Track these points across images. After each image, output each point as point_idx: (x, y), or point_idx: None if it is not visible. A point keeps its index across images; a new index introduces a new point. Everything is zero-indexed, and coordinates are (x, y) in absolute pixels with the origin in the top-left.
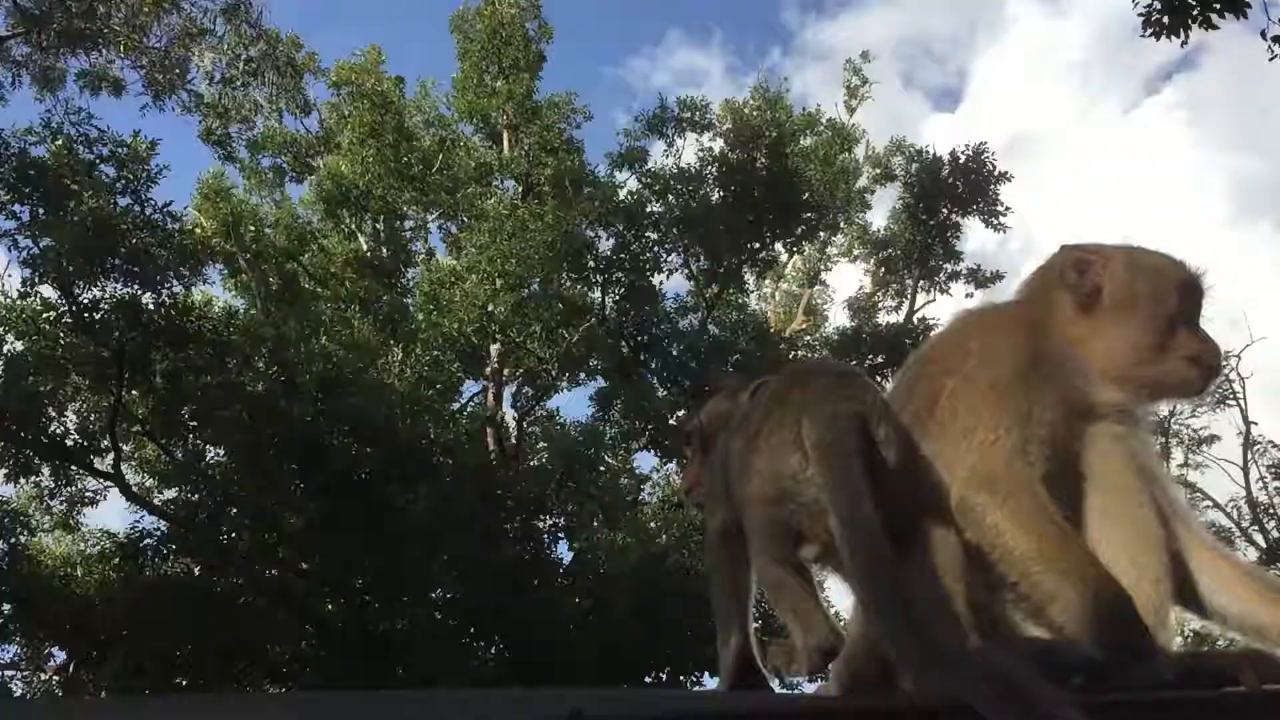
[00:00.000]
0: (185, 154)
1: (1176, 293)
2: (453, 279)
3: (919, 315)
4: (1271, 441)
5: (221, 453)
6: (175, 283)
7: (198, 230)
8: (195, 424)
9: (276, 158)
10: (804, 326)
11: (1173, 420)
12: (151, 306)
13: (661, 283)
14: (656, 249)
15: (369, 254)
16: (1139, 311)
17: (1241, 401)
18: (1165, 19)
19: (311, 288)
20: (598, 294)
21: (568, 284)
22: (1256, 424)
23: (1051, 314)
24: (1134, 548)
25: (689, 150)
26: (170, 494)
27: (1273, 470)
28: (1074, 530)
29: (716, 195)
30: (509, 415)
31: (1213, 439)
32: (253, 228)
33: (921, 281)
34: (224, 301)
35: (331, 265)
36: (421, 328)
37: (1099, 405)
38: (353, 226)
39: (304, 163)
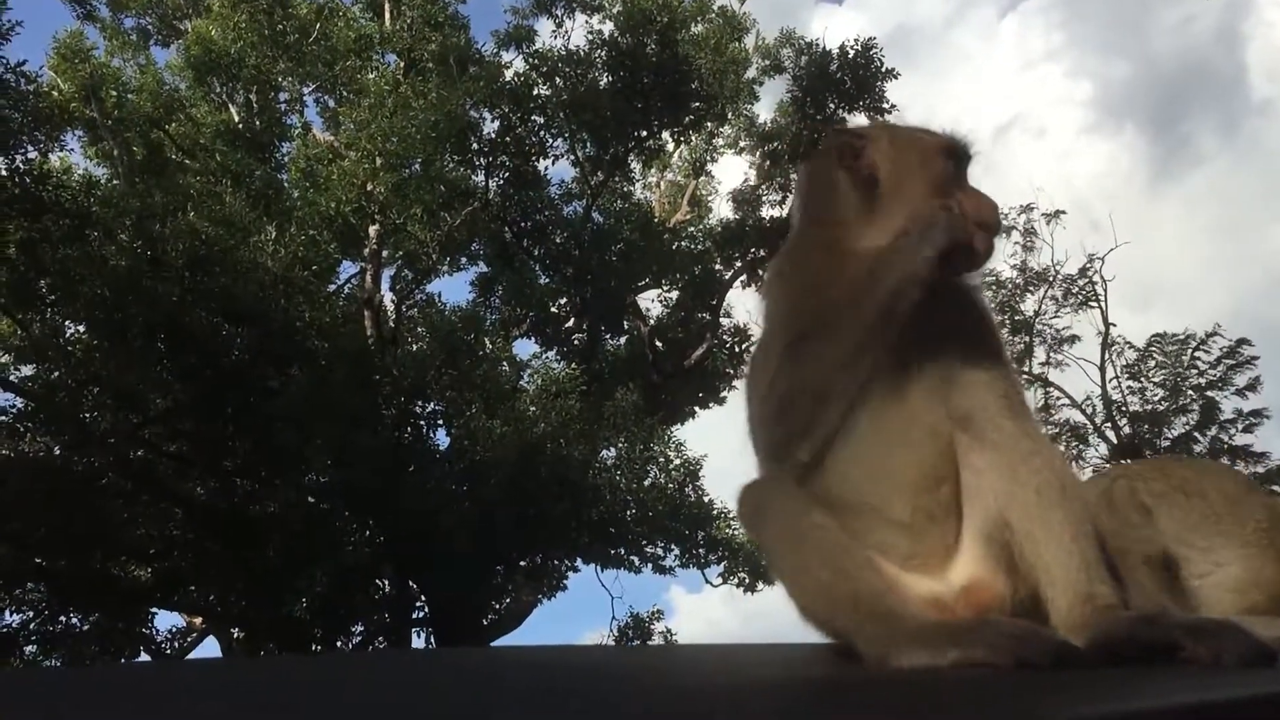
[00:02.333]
0: (40, 11)
1: (942, 156)
2: (330, 156)
3: None
4: (1129, 343)
5: (82, 330)
6: (30, 148)
7: (54, 93)
8: (53, 298)
9: (140, 18)
10: (688, 217)
11: (1036, 320)
12: (4, 172)
13: (547, 168)
14: (542, 133)
15: (241, 126)
16: (915, 183)
17: (1102, 303)
18: None
19: (179, 159)
20: (481, 177)
21: (450, 166)
22: (1115, 325)
23: (837, 217)
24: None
25: (578, 32)
26: (27, 371)
27: (1128, 370)
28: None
29: (605, 80)
30: (387, 299)
31: (1074, 339)
32: (115, 93)
33: None
34: (84, 170)
35: (200, 136)
36: (297, 206)
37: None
38: (223, 96)
39: (170, 25)
